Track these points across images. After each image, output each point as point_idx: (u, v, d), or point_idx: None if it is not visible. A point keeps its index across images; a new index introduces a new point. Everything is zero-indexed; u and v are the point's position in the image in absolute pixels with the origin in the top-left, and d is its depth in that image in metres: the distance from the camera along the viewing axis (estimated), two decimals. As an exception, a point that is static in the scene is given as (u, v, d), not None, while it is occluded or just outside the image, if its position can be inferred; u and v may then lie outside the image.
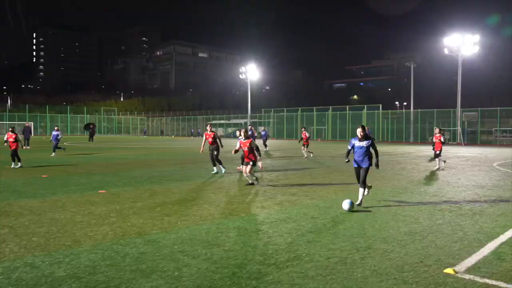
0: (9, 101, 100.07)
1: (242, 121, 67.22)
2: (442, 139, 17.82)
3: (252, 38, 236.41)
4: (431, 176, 15.59)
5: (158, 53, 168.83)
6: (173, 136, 78.75)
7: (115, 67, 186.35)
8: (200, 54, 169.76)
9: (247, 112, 69.66)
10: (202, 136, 30.71)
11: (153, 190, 11.57)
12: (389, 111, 55.42)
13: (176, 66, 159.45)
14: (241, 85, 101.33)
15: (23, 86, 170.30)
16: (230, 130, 71.97)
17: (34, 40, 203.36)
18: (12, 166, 17.39)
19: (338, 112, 58.45)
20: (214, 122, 73.98)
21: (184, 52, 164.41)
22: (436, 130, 18.31)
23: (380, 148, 13.32)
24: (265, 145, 30.34)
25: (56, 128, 25.99)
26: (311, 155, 24.47)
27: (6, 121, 77.26)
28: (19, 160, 17.62)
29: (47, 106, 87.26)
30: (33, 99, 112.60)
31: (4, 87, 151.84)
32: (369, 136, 9.44)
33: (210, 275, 5.10)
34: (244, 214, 8.68)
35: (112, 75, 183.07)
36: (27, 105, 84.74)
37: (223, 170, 15.74)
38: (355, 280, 4.97)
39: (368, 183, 9.77)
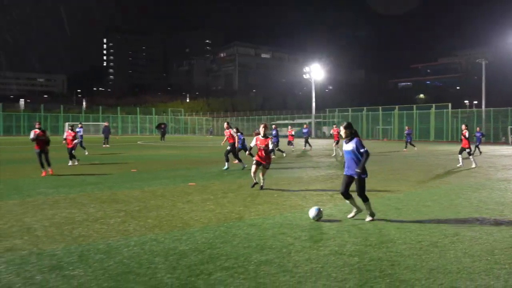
0: (84, 103, 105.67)
1: (306, 121, 67.43)
2: (466, 135, 17.57)
3: (314, 38, 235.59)
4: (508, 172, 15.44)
5: (222, 55, 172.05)
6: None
7: (180, 69, 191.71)
8: (263, 55, 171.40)
9: (310, 112, 69.89)
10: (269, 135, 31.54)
11: (239, 183, 12.36)
12: (459, 110, 53.88)
13: (239, 67, 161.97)
14: (303, 85, 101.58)
15: (94, 89, 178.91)
16: (295, 130, 72.42)
17: (104, 45, 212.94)
18: (70, 164, 17.83)
19: (404, 112, 57.44)
20: (278, 122, 74.68)
21: (247, 53, 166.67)
22: (463, 126, 18.01)
23: (451, 148, 13.43)
24: (307, 144, 29.79)
25: (80, 125, 26.90)
26: (340, 153, 23.94)
27: (82, 122, 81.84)
28: (74, 158, 18.12)
29: (118, 107, 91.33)
30: (104, 101, 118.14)
31: (79, 90, 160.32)
32: (356, 134, 7.74)
33: (315, 252, 5.73)
34: (330, 204, 9.25)
35: (177, 77, 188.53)
36: (100, 107, 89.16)
37: (243, 166, 16.39)
38: (449, 259, 5.43)
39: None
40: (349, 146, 7.55)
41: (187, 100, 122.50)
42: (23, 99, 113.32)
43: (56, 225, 7.21)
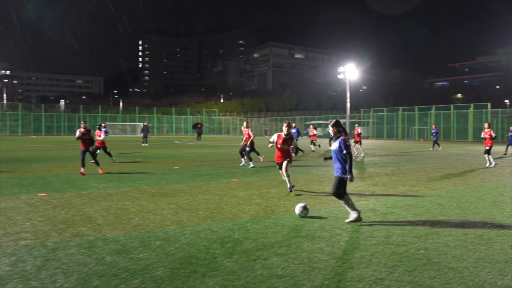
0: (121, 104, 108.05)
1: (341, 121, 67.18)
2: (493, 134, 17.30)
3: (348, 38, 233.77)
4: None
5: (255, 55, 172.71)
6: (266, 135, 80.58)
7: (214, 70, 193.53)
8: (296, 55, 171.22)
9: (344, 112, 69.54)
10: (308, 136, 31.68)
11: (280, 180, 12.65)
12: (499, 109, 52.63)
13: (272, 67, 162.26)
14: (337, 85, 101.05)
15: (130, 90, 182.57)
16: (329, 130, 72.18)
17: (140, 47, 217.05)
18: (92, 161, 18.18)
19: (441, 112, 56.53)
20: (312, 122, 74.63)
21: (280, 53, 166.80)
22: (486, 125, 17.73)
23: (492, 148, 13.55)
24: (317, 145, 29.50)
25: (103, 124, 26.88)
26: (361, 153, 23.73)
27: (119, 122, 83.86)
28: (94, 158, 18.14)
29: (154, 108, 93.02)
30: (140, 102, 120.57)
31: (115, 91, 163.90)
32: (343, 133, 7.24)
33: (363, 242, 5.98)
34: (372, 199, 9.44)
35: (211, 77, 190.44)
36: (137, 108, 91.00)
37: (251, 165, 16.59)
38: (495, 250, 5.59)
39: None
40: (335, 145, 7.21)
41: (221, 100, 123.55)
42: (63, 100, 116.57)
43: (114, 215, 7.67)
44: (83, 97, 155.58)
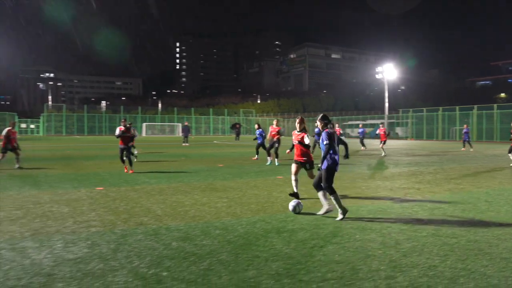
0: (159, 105, 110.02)
1: (379, 121, 66.55)
2: None
3: (386, 38, 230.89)
4: None
5: (292, 56, 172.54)
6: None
7: (250, 71, 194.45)
8: (333, 56, 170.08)
9: (382, 113, 68.81)
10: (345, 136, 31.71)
11: (324, 177, 12.90)
12: (545, 109, 51.04)
13: (309, 68, 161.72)
14: (375, 86, 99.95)
15: (168, 91, 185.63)
16: (367, 130, 71.61)
17: (178, 49, 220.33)
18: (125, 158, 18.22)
19: (484, 112, 55.20)
20: (350, 123, 74.25)
21: (317, 54, 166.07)
22: None
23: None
24: (362, 144, 29.41)
25: (129, 124, 26.97)
26: (383, 153, 23.20)
27: (158, 122, 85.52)
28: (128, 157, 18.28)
29: (192, 108, 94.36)
30: (178, 103, 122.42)
31: (153, 92, 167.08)
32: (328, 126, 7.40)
33: (413, 234, 6.19)
34: (418, 196, 9.58)
35: (247, 78, 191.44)
36: (175, 108, 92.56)
37: (277, 163, 17.03)
38: (547, 244, 5.70)
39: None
40: (321, 138, 7.31)
41: (258, 101, 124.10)
42: (104, 102, 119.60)
43: (170, 207, 8.11)
44: (123, 98, 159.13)
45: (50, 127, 79.12)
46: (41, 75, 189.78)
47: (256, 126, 20.65)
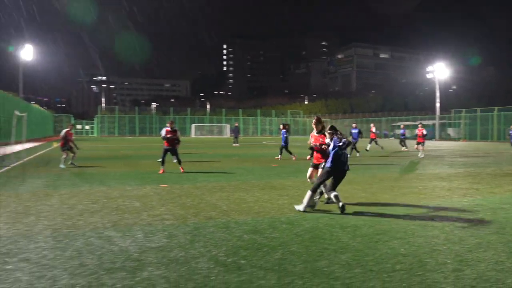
0: (208, 106, 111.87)
1: (430, 122, 65.15)
2: None
3: (437, 36, 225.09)
4: None
5: (339, 56, 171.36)
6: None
7: (297, 72, 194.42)
8: (381, 55, 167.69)
9: (433, 113, 67.33)
10: (389, 137, 31.00)
11: (380, 177, 13.00)
12: None
13: (357, 68, 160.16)
14: (425, 85, 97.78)
15: (216, 92, 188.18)
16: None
17: (224, 51, 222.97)
18: (174, 160, 18.65)
19: (543, 111, 53.12)
20: (399, 123, 72.97)
21: (364, 54, 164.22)
22: None
23: None
24: (404, 145, 28.68)
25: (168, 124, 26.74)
26: (422, 154, 22.35)
27: (206, 123, 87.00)
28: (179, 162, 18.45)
29: (240, 110, 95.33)
30: (226, 104, 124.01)
31: (201, 94, 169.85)
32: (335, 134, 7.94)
33: (476, 231, 6.30)
34: (478, 196, 9.58)
35: (294, 79, 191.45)
36: (223, 110, 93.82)
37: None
38: None
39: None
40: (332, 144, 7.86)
41: (305, 102, 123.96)
42: (154, 103, 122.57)
43: (234, 203, 8.50)
44: (172, 100, 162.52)
45: (104, 128, 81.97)
46: (94, 78, 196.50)
47: (281, 126, 21.21)
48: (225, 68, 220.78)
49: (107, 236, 5.94)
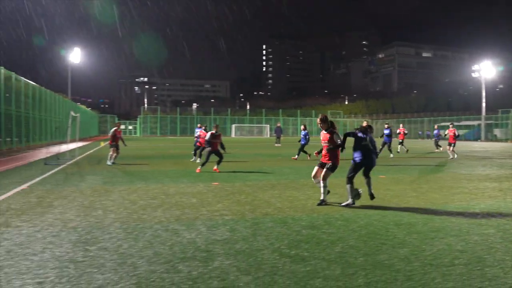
0: (248, 106, 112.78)
1: (475, 122, 63.66)
2: None
3: (483, 34, 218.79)
4: None
5: (380, 55, 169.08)
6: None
7: (337, 72, 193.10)
8: (424, 54, 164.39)
9: (478, 113, 65.65)
10: (431, 138, 30.35)
11: (427, 178, 13.00)
12: None
13: (398, 67, 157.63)
14: (469, 85, 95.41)
15: (255, 93, 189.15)
16: (461, 132, 68.69)
17: (264, 51, 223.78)
18: (192, 159, 18.98)
19: None
20: (442, 124, 71.52)
21: (406, 53, 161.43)
22: None
23: None
24: (438, 146, 28.09)
25: (199, 125, 26.63)
26: (453, 156, 21.69)
27: (247, 124, 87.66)
28: (199, 157, 18.68)
29: (280, 110, 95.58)
30: (265, 104, 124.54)
31: (241, 95, 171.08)
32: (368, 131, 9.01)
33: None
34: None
35: (334, 79, 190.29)
36: (263, 110, 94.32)
37: None
38: None
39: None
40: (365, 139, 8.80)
41: (346, 102, 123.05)
42: (195, 104, 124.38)
43: (287, 200, 8.79)
44: (212, 100, 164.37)
45: (146, 128, 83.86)
46: (136, 80, 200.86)
47: (302, 127, 21.38)
48: (264, 69, 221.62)
49: (173, 229, 6.32)
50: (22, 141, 26.60)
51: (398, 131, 26.68)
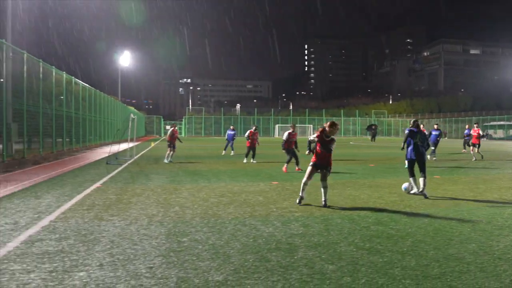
0: (291, 106, 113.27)
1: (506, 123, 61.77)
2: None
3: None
4: None
5: (425, 53, 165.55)
6: (445, 138, 77.15)
7: (381, 71, 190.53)
8: (472, 51, 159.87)
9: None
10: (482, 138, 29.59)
11: (482, 178, 13.13)
12: None
13: (444, 65, 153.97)
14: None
15: (297, 93, 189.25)
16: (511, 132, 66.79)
17: (306, 51, 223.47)
18: (245, 161, 19.13)
19: None
20: (492, 123, 69.81)
21: (453, 50, 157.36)
22: None
23: None
24: (467, 146, 27.04)
25: (232, 127, 26.87)
26: (476, 157, 20.90)
27: (290, 124, 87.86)
28: (252, 157, 19.20)
29: (323, 110, 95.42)
30: (308, 104, 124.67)
31: (283, 95, 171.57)
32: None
33: None
34: None
35: (377, 78, 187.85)
36: (307, 110, 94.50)
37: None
38: None
39: None
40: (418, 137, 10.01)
41: (390, 102, 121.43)
42: (239, 104, 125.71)
43: (348, 199, 9.23)
44: (254, 100, 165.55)
45: (191, 128, 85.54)
46: (180, 81, 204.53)
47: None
48: (306, 69, 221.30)
49: (250, 223, 6.88)
50: (79, 142, 28.01)
51: (470, 131, 23.07)
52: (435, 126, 22.38)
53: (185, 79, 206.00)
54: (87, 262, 4.88)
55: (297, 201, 8.70)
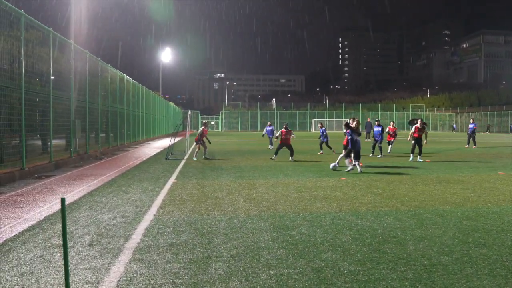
0: (326, 101, 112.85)
1: None
2: None
3: None
4: None
5: (464, 45, 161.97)
6: (488, 131, 75.69)
7: (417, 64, 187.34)
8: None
9: None
10: None
11: (550, 173, 13.18)
12: None
13: (485, 57, 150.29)
14: None
15: (331, 87, 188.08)
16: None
17: (340, 45, 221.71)
18: (274, 158, 18.82)
19: None
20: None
21: (493, 41, 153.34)
22: None
23: None
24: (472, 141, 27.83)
25: (269, 123, 27.52)
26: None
27: (326, 118, 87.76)
28: (290, 155, 18.72)
29: (360, 104, 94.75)
30: (343, 98, 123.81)
31: (317, 89, 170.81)
32: None
33: None
34: None
35: (414, 71, 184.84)
36: (343, 104, 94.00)
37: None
38: None
39: None
40: None
41: (428, 95, 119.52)
42: (274, 99, 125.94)
43: (423, 194, 9.51)
44: (288, 95, 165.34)
45: (228, 123, 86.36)
46: (214, 76, 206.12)
47: (319, 125, 22.00)
48: (340, 62, 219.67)
49: (345, 218, 7.28)
50: (130, 137, 28.96)
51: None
52: (471, 120, 24.84)
53: (218, 74, 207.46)
54: (218, 254, 5.31)
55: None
